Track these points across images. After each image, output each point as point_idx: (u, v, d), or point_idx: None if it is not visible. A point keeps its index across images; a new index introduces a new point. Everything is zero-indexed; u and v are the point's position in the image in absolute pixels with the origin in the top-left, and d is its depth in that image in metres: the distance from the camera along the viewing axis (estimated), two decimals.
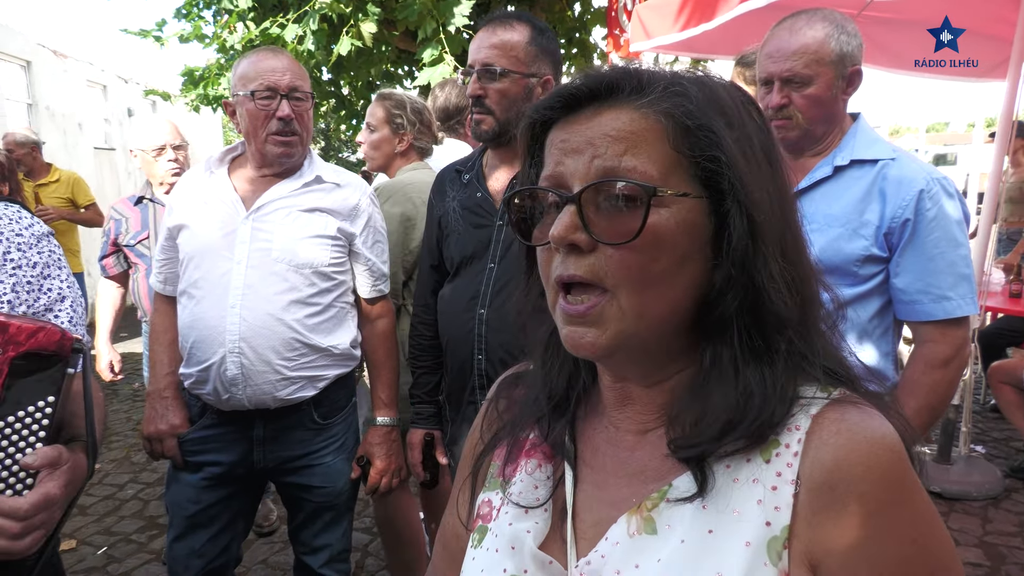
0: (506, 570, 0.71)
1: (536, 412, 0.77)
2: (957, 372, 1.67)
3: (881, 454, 0.60)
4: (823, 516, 0.59)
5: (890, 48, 4.59)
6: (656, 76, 0.66)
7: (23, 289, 1.33)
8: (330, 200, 1.95)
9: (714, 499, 0.62)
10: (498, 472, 0.79)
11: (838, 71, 1.63)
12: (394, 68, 6.35)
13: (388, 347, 2.11)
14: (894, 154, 1.67)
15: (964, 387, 3.80)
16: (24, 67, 9.49)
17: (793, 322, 0.64)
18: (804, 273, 0.67)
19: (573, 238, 0.63)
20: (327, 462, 2.01)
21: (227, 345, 1.84)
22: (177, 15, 5.88)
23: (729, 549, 0.60)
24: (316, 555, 2.05)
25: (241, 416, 1.91)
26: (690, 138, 0.63)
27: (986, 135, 7.04)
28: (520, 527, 0.73)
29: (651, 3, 4.42)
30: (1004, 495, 3.68)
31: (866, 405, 0.64)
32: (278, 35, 4.95)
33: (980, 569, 3.02)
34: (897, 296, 1.67)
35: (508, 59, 1.71)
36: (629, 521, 0.65)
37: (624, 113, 0.64)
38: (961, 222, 1.64)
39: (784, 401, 0.64)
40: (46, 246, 1.38)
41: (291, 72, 1.87)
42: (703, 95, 0.64)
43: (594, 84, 0.66)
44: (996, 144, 3.60)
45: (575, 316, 0.64)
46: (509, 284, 1.74)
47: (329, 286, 1.94)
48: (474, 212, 1.85)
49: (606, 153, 0.63)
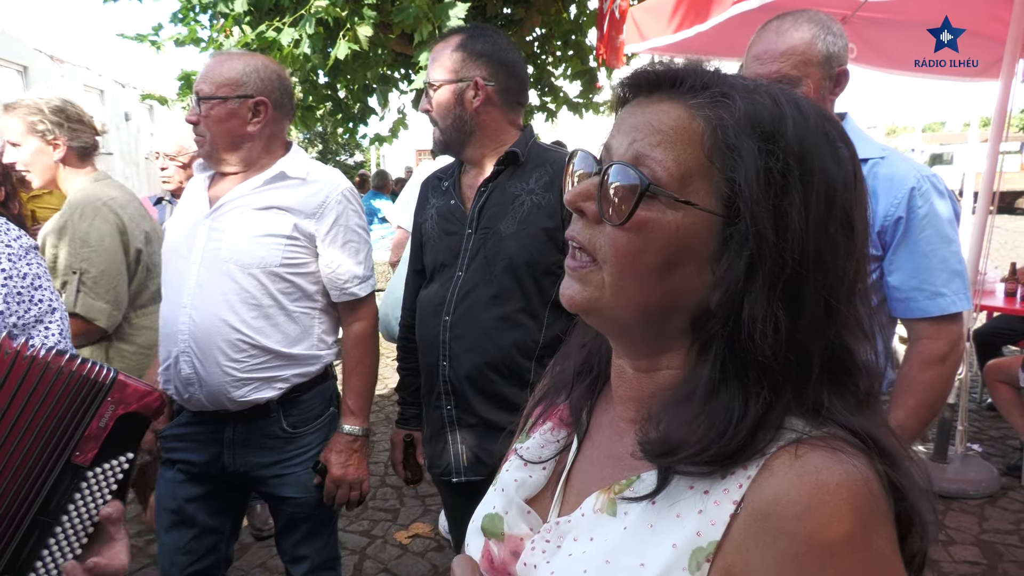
0: (495, 507, 0.80)
1: (565, 381, 0.84)
2: (953, 368, 1.68)
3: (826, 499, 0.56)
4: (751, 544, 0.59)
5: (887, 48, 4.60)
6: (718, 80, 0.66)
7: (14, 300, 1.33)
8: (291, 197, 1.89)
9: (665, 499, 0.64)
10: (530, 428, 0.86)
11: (825, 72, 1.64)
12: (391, 71, 6.35)
13: (360, 352, 2.01)
14: (883, 153, 1.68)
15: (960, 386, 3.81)
16: (21, 72, 9.49)
17: (775, 372, 0.61)
18: (820, 327, 0.62)
19: (582, 205, 0.68)
20: (298, 472, 1.95)
21: (179, 345, 1.84)
22: (173, 19, 5.88)
23: (659, 546, 0.62)
24: (298, 565, 2.04)
25: (212, 417, 1.91)
26: (721, 152, 0.62)
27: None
28: (514, 475, 0.81)
29: (645, 4, 4.44)
30: (1000, 493, 3.69)
31: (846, 449, 0.59)
32: (274, 39, 4.94)
33: (977, 567, 3.03)
34: (892, 294, 1.68)
35: (439, 70, 1.80)
36: (598, 499, 0.70)
37: (675, 108, 0.65)
38: (952, 219, 1.65)
39: (754, 438, 0.61)
40: (34, 258, 1.39)
41: (208, 78, 1.85)
42: (749, 110, 0.63)
43: (661, 72, 0.68)
44: (990, 143, 3.61)
45: (569, 269, 0.70)
46: (473, 292, 1.76)
47: (283, 287, 1.87)
48: (446, 219, 1.87)
49: (644, 140, 0.65)
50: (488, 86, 1.77)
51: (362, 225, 2.00)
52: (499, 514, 0.79)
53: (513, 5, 6.12)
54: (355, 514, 3.53)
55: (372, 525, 3.49)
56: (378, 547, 3.29)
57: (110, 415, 0.97)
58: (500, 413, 1.73)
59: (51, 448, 0.93)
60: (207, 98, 1.84)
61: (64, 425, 0.93)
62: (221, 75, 1.85)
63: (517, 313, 1.73)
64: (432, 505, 3.66)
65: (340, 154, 27.30)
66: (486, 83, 1.77)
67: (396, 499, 3.74)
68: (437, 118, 1.82)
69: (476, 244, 1.78)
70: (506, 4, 6.15)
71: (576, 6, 6.45)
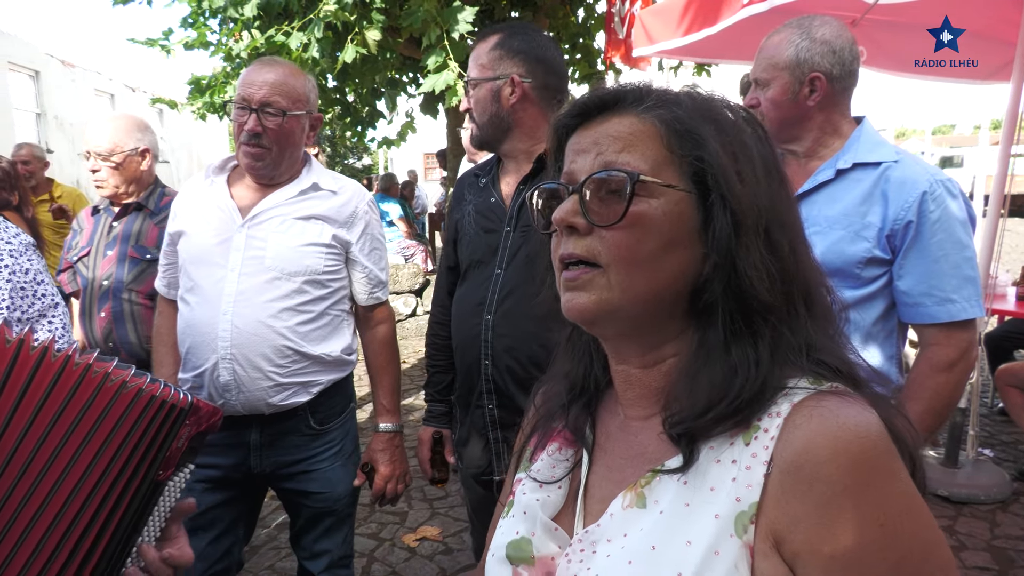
0: (519, 532, 0.80)
1: (560, 402, 0.87)
2: (962, 375, 1.66)
3: (850, 439, 0.62)
4: (790, 495, 0.63)
5: (893, 50, 4.58)
6: (656, 89, 0.76)
7: (18, 295, 1.36)
8: (326, 207, 1.96)
9: (695, 476, 0.68)
10: (530, 456, 0.89)
11: (795, 76, 1.68)
12: (399, 75, 6.38)
13: (389, 353, 2.12)
14: (897, 156, 1.67)
15: (971, 390, 3.78)
16: (33, 77, 9.57)
17: (777, 309, 0.70)
18: (793, 268, 0.72)
19: (572, 220, 0.73)
20: (324, 468, 2.02)
21: (219, 352, 1.85)
22: (183, 24, 5.92)
23: (700, 521, 0.65)
24: (316, 560, 2.06)
25: (237, 421, 1.92)
26: (680, 140, 0.72)
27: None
28: (533, 497, 0.82)
29: (654, 8, 4.44)
30: (1012, 498, 3.66)
31: (853, 397, 0.66)
32: (283, 43, 4.97)
33: (988, 573, 3.01)
34: (901, 299, 1.66)
35: (477, 68, 1.82)
36: (625, 496, 0.72)
37: (626, 118, 0.74)
38: (966, 223, 1.63)
39: (769, 384, 0.68)
40: (33, 254, 1.42)
41: (270, 87, 1.86)
42: (694, 104, 0.74)
43: (603, 95, 0.77)
44: (1001, 146, 3.59)
45: (570, 280, 0.73)
46: (516, 291, 1.75)
47: (323, 294, 1.94)
48: (485, 216, 1.86)
49: (607, 150, 0.73)
50: (525, 83, 1.77)
51: (383, 232, 2.12)
52: (525, 538, 0.79)
53: (521, 9, 6.14)
54: (363, 516, 3.54)
55: (380, 528, 3.49)
56: (386, 550, 3.29)
57: (187, 436, 1.03)
58: None
59: (135, 467, 0.97)
60: (282, 112, 1.88)
61: (148, 446, 0.98)
62: (295, 90, 1.90)
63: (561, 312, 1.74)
64: (440, 508, 3.66)
65: (348, 157, 27.40)
66: (523, 80, 1.77)
67: (404, 502, 3.74)
68: (475, 115, 1.83)
69: (516, 242, 1.78)
70: (514, 8, 6.16)
71: (584, 10, 6.47)
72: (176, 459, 1.03)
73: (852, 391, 0.68)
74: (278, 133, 1.88)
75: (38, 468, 0.94)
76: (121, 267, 2.53)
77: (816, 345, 0.71)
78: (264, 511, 3.44)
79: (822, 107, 1.71)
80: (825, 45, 1.67)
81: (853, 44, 1.70)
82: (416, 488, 3.85)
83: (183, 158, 18.95)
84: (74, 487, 0.94)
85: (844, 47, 1.68)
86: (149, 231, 2.58)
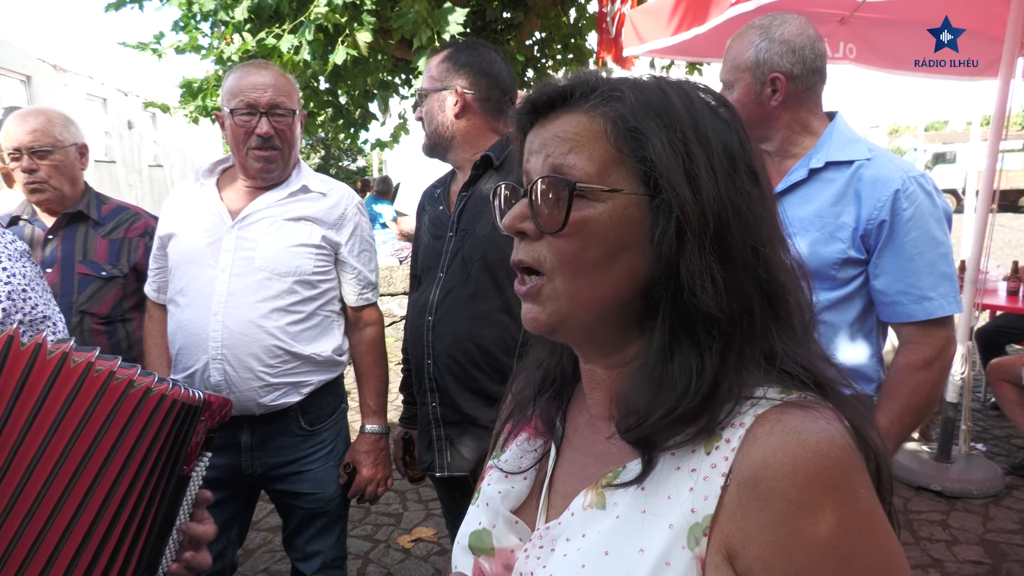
0: (480, 523, 0.80)
1: (529, 398, 0.86)
2: (940, 373, 1.65)
3: (809, 456, 0.60)
4: (746, 510, 0.61)
5: (888, 49, 4.60)
6: (604, 82, 0.72)
7: (18, 297, 1.36)
8: (316, 209, 1.98)
9: (653, 483, 0.67)
10: (503, 444, 0.88)
11: (756, 77, 1.69)
12: (391, 76, 6.37)
13: (376, 355, 2.13)
14: (870, 154, 1.66)
15: (964, 385, 3.80)
16: (24, 82, 9.55)
17: (722, 321, 0.66)
18: (754, 271, 0.68)
19: (521, 226, 0.71)
20: (315, 468, 2.02)
21: (210, 352, 1.86)
22: (175, 27, 5.91)
23: (655, 529, 0.64)
24: (309, 562, 2.07)
25: (228, 422, 1.92)
26: (627, 138, 0.68)
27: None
28: (496, 488, 0.82)
29: (644, 7, 4.45)
30: (1005, 493, 3.68)
31: (819, 409, 0.64)
32: (274, 46, 4.96)
33: (981, 567, 3.02)
34: (878, 298, 1.66)
35: (428, 80, 1.92)
36: (586, 495, 0.71)
37: (574, 116, 0.71)
38: (941, 219, 1.62)
39: (721, 393, 0.65)
40: (27, 261, 1.43)
41: (273, 89, 1.88)
42: (639, 99, 0.69)
43: (551, 91, 0.73)
44: (989, 141, 3.61)
45: (523, 295, 0.72)
46: (452, 292, 1.84)
47: (313, 294, 1.96)
48: (435, 224, 1.97)
49: (555, 152, 0.70)
50: (467, 94, 1.86)
51: (372, 234, 2.13)
52: (486, 529, 0.79)
53: (512, 9, 6.14)
54: (358, 518, 3.54)
55: (375, 530, 3.49)
56: (381, 551, 3.29)
57: (203, 431, 1.07)
58: (483, 409, 1.79)
59: (163, 468, 1.00)
60: (291, 112, 1.92)
61: (171, 447, 1.01)
62: (291, 89, 1.95)
63: (495, 311, 1.80)
64: (435, 509, 3.66)
65: (342, 159, 27.37)
66: (465, 91, 1.86)
67: (399, 503, 3.75)
68: (424, 124, 1.94)
69: (455, 246, 1.87)
70: (505, 8, 6.17)
71: (576, 10, 6.47)
72: (196, 453, 1.08)
73: (820, 401, 0.65)
74: (288, 133, 1.92)
75: (67, 476, 0.94)
76: (68, 287, 2.22)
77: (781, 352, 0.68)
78: (259, 514, 3.44)
79: (787, 106, 1.71)
80: (784, 45, 1.67)
81: (816, 42, 1.69)
82: (411, 490, 3.86)
83: (176, 161, 18.94)
84: (108, 491, 0.95)
85: (804, 45, 1.67)
86: (97, 245, 2.28)
